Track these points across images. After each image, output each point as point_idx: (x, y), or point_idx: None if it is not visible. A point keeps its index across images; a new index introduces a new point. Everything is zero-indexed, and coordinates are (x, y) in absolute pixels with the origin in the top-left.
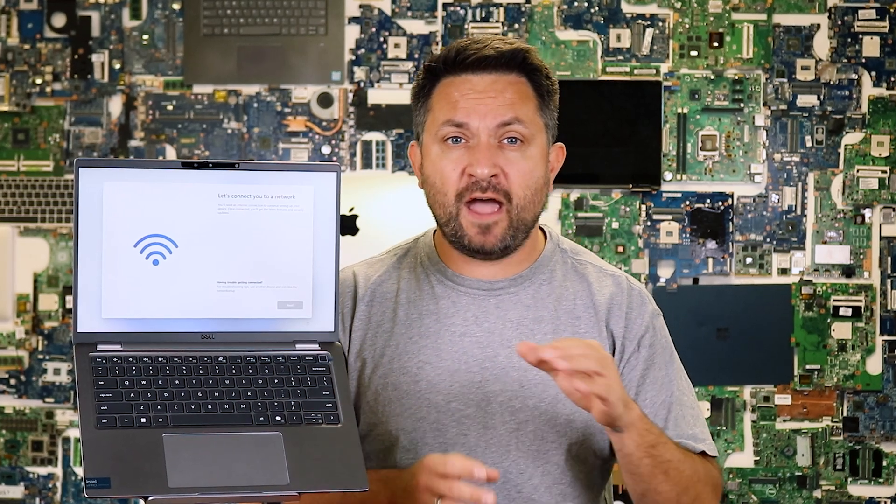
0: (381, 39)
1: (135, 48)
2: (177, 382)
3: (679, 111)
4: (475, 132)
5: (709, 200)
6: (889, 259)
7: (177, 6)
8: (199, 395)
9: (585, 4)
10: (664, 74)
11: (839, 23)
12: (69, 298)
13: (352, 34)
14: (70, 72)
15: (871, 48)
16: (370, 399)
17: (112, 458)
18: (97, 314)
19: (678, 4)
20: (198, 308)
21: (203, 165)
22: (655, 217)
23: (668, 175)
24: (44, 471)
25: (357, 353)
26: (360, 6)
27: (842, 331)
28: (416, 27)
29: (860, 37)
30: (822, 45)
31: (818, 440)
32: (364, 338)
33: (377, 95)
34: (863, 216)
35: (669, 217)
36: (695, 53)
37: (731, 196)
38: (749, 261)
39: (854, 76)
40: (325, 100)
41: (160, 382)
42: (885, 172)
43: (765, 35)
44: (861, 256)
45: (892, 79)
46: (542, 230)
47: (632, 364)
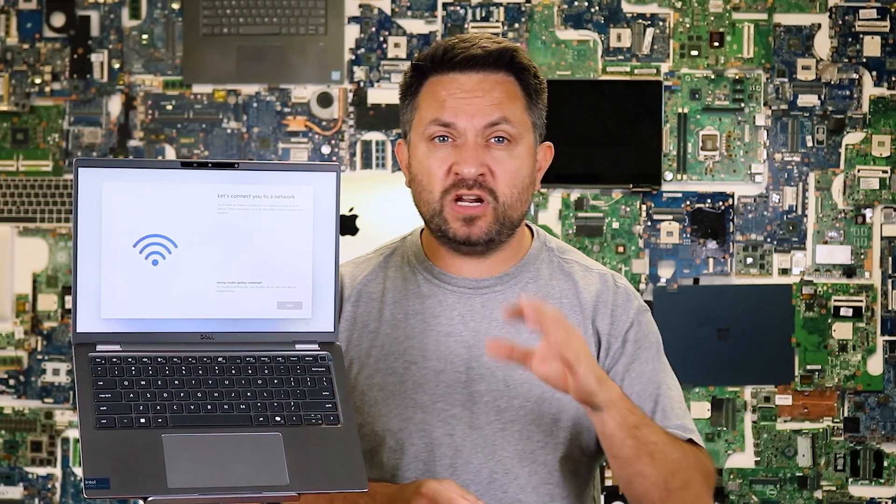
0: (381, 39)
1: (134, 48)
2: (176, 383)
3: (679, 111)
4: (462, 132)
5: (709, 200)
6: (890, 259)
7: (176, 6)
8: (199, 396)
9: (586, 4)
10: (665, 74)
11: (840, 22)
12: (68, 298)
13: (351, 34)
14: (69, 71)
15: (872, 48)
16: (356, 399)
17: (111, 459)
18: (96, 314)
19: (679, 4)
20: (197, 308)
21: (202, 165)
22: (656, 217)
23: (669, 175)
24: (43, 471)
25: (343, 354)
26: (360, 6)
27: (842, 331)
28: (416, 27)
29: (861, 36)
30: (823, 45)
31: (819, 441)
32: (350, 338)
33: (377, 95)
34: (863, 216)
35: (670, 217)
36: (695, 53)
37: (732, 196)
38: (750, 261)
39: (855, 76)
40: (325, 100)
41: (159, 383)
42: (886, 172)
43: (765, 35)
44: (862, 256)
45: (893, 79)
46: (530, 228)
47: (616, 358)
